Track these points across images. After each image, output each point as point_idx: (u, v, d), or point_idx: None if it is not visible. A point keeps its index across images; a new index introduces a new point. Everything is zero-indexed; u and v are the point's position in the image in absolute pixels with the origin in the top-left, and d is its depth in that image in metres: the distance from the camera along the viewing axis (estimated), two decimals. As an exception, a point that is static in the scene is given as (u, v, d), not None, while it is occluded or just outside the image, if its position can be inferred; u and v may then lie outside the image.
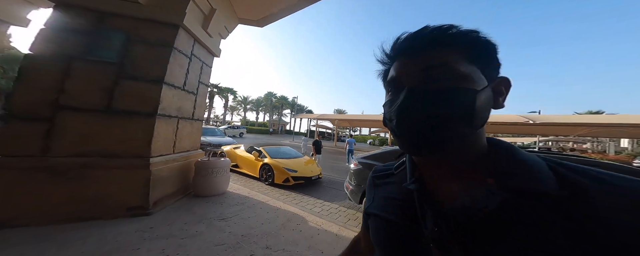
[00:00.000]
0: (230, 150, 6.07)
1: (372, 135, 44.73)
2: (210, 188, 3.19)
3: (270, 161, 4.83)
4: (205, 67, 3.57)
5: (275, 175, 4.56)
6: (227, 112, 51.98)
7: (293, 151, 6.12)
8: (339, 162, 9.52)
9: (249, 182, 4.78)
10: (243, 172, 5.36)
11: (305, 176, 4.64)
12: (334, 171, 6.98)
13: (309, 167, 5.05)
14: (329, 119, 20.57)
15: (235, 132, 23.27)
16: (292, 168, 4.69)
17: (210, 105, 34.71)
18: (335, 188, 4.77)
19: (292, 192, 4.26)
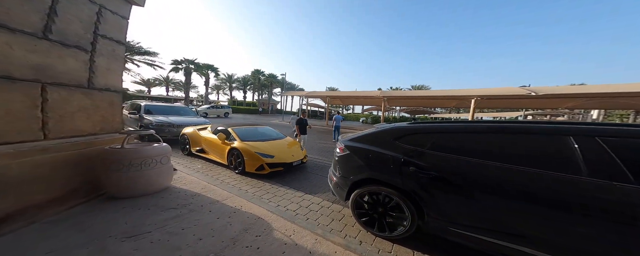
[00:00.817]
0: (193, 132, 4.92)
1: (365, 113, 44.25)
2: (135, 186, 2.21)
3: (240, 145, 3.83)
4: (109, 14, 2.18)
5: (246, 162, 3.62)
6: (212, 91, 48.05)
7: (273, 131, 5.09)
8: (329, 142, 8.73)
9: (215, 171, 3.83)
10: (211, 158, 4.35)
11: (284, 162, 3.76)
12: (321, 153, 6.19)
13: (289, 151, 4.13)
14: (319, 96, 19.17)
15: (219, 112, 21.47)
16: (268, 152, 3.74)
17: (187, 82, 31.22)
18: (321, 175, 3.99)
19: (266, 182, 3.41)
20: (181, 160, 4.36)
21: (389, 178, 1.82)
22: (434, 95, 12.51)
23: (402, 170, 1.75)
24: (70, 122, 1.88)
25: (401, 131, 1.92)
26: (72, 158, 1.90)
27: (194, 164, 4.18)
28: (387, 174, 1.83)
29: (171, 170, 2.70)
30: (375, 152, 1.93)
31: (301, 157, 4.15)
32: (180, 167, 3.90)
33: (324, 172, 4.20)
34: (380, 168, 1.89)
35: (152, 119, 6.04)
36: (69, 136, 1.88)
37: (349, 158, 2.15)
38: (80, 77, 1.97)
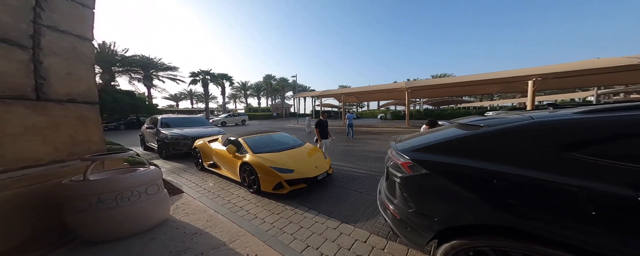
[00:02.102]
0: (203, 145, 4.45)
1: (382, 108, 42.03)
2: (116, 226, 1.63)
3: (252, 158, 3.17)
4: (60, 1, 1.62)
5: (261, 179, 2.94)
6: (229, 100, 50.42)
7: (289, 138, 4.39)
8: (350, 143, 7.82)
9: (227, 190, 3.22)
10: (223, 174, 3.77)
11: (307, 176, 2.99)
12: (346, 157, 5.33)
13: (311, 161, 3.37)
14: (333, 95, 18.32)
15: (236, 120, 21.99)
16: (286, 166, 3.02)
17: (206, 93, 32.87)
18: (354, 190, 3.14)
19: (287, 204, 2.67)
20: (193, 177, 3.87)
21: (545, 230, 0.89)
22: (477, 80, 10.17)
23: (598, 216, 0.80)
24: (11, 148, 1.35)
25: (581, 128, 0.94)
26: (22, 197, 1.37)
27: (205, 181, 3.65)
28: (543, 221, 0.90)
29: (165, 200, 2.11)
30: (504, 175, 1.00)
31: (326, 167, 3.35)
32: (190, 185, 3.39)
33: (356, 184, 3.33)
34: (520, 207, 0.95)
35: (167, 133, 5.81)
36: (15, 168, 1.36)
37: (427, 182, 1.24)
38: (18, 84, 1.43)
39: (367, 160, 4.96)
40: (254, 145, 3.60)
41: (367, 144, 7.55)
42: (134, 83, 24.44)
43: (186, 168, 4.52)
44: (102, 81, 19.09)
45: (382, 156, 5.37)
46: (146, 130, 6.97)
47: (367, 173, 3.93)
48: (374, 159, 5.07)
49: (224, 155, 3.73)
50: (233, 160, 3.46)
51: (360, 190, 3.11)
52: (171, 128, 6.24)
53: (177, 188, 3.13)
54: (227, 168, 3.66)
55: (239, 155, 3.43)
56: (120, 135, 11.84)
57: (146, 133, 6.97)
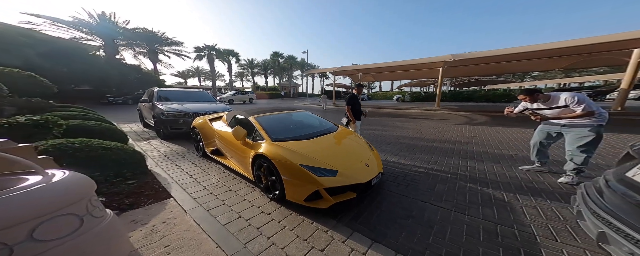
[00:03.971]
0: (203, 124, 3.42)
1: (395, 90, 38.99)
2: None
3: (271, 149, 2.08)
4: None
5: (286, 184, 1.88)
6: (236, 78, 48.89)
7: (315, 119, 3.22)
8: (380, 127, 6.57)
9: (235, 191, 2.25)
10: (230, 166, 2.74)
11: (359, 181, 1.87)
12: (384, 147, 4.14)
13: (357, 155, 2.21)
14: (349, 72, 16.38)
15: (244, 98, 21.12)
16: (325, 165, 1.90)
17: (212, 69, 31.44)
18: (425, 201, 2.04)
19: (326, 223, 1.65)
20: (190, 168, 2.92)
21: None
22: (551, 49, 7.57)
23: None
24: None
25: None
26: None
27: (206, 175, 2.68)
28: None
29: (111, 231, 1.09)
30: None
31: (379, 165, 2.21)
32: (184, 182, 2.42)
33: (421, 188, 2.19)
34: None
35: (163, 108, 4.81)
36: None
37: None
38: None
39: (413, 150, 3.78)
40: (272, 128, 2.46)
41: (398, 128, 6.29)
42: (139, 57, 23.64)
43: (186, 154, 3.60)
44: (106, 53, 18.41)
45: (430, 145, 4.15)
46: (142, 105, 6.07)
47: (425, 170, 2.80)
48: (423, 149, 3.87)
49: (229, 141, 2.67)
50: (242, 148, 2.40)
51: (435, 200, 2.01)
52: (169, 103, 5.24)
53: (162, 189, 2.20)
54: (235, 159, 2.64)
55: (250, 142, 2.34)
56: (126, 109, 11.26)
57: (143, 108, 6.08)
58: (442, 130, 5.96)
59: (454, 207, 1.91)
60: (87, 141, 2.13)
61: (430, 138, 4.91)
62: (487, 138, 4.82)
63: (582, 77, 27.86)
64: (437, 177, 2.59)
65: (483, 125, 6.65)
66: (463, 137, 5.00)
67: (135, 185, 2.14)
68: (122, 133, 3.60)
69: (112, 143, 2.33)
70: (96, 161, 2.04)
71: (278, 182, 1.95)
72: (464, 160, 3.21)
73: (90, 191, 1.02)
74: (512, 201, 2.02)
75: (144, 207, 1.85)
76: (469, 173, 2.69)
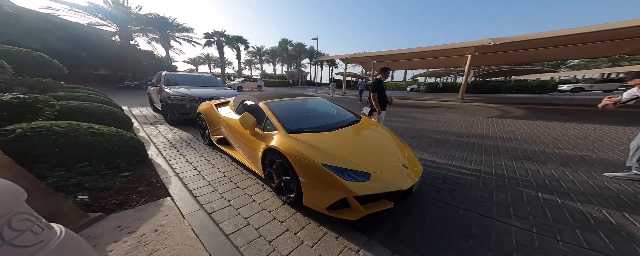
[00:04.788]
0: (209, 109, 3.07)
1: (409, 80, 36.66)
2: None
3: (286, 142, 1.66)
4: None
5: (304, 187, 1.47)
6: (244, 66, 48.52)
7: (331, 107, 2.74)
8: (401, 118, 5.95)
9: (246, 189, 1.91)
10: (237, 158, 2.39)
11: (399, 187, 1.40)
12: (411, 142, 3.60)
13: (390, 153, 1.73)
14: (362, 59, 15.27)
15: (252, 85, 20.90)
16: (355, 166, 1.45)
17: (221, 56, 31.24)
18: (479, 213, 1.56)
19: (354, 239, 1.25)
20: (195, 159, 2.61)
21: None
22: (612, 29, 6.17)
23: None
24: None
25: None
26: None
27: (212, 168, 2.36)
28: None
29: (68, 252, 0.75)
30: None
31: (419, 166, 1.73)
32: (186, 175, 2.11)
33: (470, 196, 1.68)
34: None
35: (170, 92, 4.55)
36: None
37: None
38: None
39: (445, 146, 3.23)
40: (286, 117, 2.03)
41: (419, 120, 5.64)
42: (152, 43, 23.94)
43: (192, 141, 3.34)
44: (121, 39, 18.76)
45: (465, 141, 3.54)
46: (151, 88, 5.90)
47: (470, 172, 2.27)
48: (457, 146, 3.28)
49: (236, 130, 2.29)
50: (251, 139, 2.02)
51: (500, 215, 1.51)
52: (177, 87, 4.98)
53: (160, 185, 1.89)
54: (243, 151, 2.27)
55: (260, 133, 1.95)
56: (141, 93, 11.40)
57: (152, 92, 5.91)
58: (473, 123, 5.23)
59: (534, 227, 1.41)
60: (74, 125, 1.84)
61: (463, 132, 4.26)
62: (536, 134, 4.08)
63: (632, 66, 24.16)
64: (489, 181, 2.06)
65: (523, 119, 5.78)
66: (504, 132, 4.30)
67: (128, 179, 1.86)
68: (125, 117, 3.37)
69: (105, 128, 2.03)
70: (83, 148, 1.76)
71: (294, 183, 1.56)
72: (518, 161, 2.62)
73: (12, 204, 0.67)
74: (623, 223, 1.46)
75: (135, 208, 1.55)
76: (534, 179, 2.13)
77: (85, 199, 1.54)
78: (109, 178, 1.79)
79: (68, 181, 1.65)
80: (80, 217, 1.35)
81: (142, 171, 2.11)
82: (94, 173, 1.78)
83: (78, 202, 1.50)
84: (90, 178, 1.72)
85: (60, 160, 1.69)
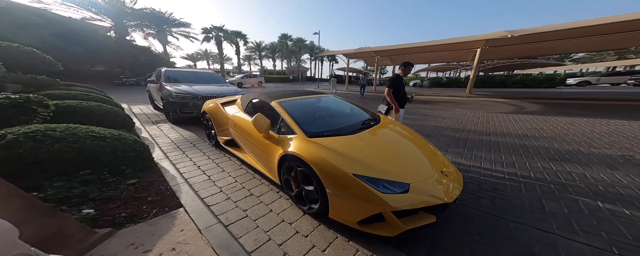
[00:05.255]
0: (214, 108, 2.87)
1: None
2: None
3: (308, 149, 1.46)
4: None
5: (333, 199, 1.29)
6: (244, 62, 47.70)
7: (346, 105, 2.52)
8: (411, 116, 5.74)
9: (261, 197, 1.73)
10: (248, 161, 2.20)
11: (443, 200, 1.23)
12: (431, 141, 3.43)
13: (429, 161, 1.52)
14: (365, 54, 14.88)
15: (252, 81, 20.53)
16: (392, 176, 1.26)
17: (220, 52, 30.59)
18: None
19: None
20: (203, 162, 2.43)
21: None
22: None
23: None
24: None
25: None
26: None
27: (222, 172, 2.19)
28: None
29: None
30: None
31: (457, 174, 1.54)
32: (196, 182, 1.93)
33: (518, 205, 1.49)
34: None
35: (172, 89, 4.33)
36: None
37: None
38: None
39: (468, 146, 3.05)
40: (303, 118, 1.84)
41: (429, 116, 5.44)
42: (149, 39, 23.36)
43: (197, 142, 3.16)
44: (116, 34, 18.27)
45: (488, 140, 3.36)
46: (151, 86, 5.66)
47: (506, 176, 2.10)
48: (481, 145, 3.10)
49: (247, 132, 2.10)
50: (264, 143, 1.83)
51: (563, 230, 1.33)
52: (178, 84, 4.75)
53: (170, 193, 1.72)
54: (255, 156, 2.08)
55: (275, 136, 1.75)
56: (139, 90, 11.11)
57: (152, 89, 5.68)
58: (488, 119, 5.04)
59: (613, 247, 1.21)
60: (72, 128, 1.65)
61: (481, 130, 4.07)
62: (562, 131, 3.87)
63: (639, 59, 23.63)
64: (532, 187, 1.87)
65: (541, 115, 5.58)
66: (526, 129, 4.10)
67: (136, 187, 1.69)
68: (126, 117, 3.17)
69: (106, 131, 1.85)
70: (84, 155, 1.58)
71: (319, 193, 1.39)
72: (555, 163, 2.41)
73: (7, 248, 0.49)
74: None
75: (147, 221, 1.39)
76: (585, 185, 1.92)
77: (92, 213, 1.37)
78: (115, 187, 1.62)
79: (70, 192, 1.48)
80: (87, 235, 1.19)
81: (149, 177, 1.94)
82: (98, 181, 1.60)
83: (84, 217, 1.34)
84: (94, 188, 1.55)
85: (58, 168, 1.52)
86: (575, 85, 17.04)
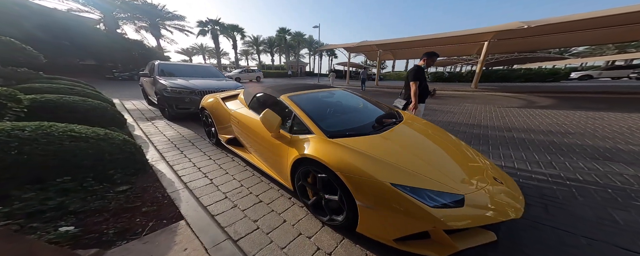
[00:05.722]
0: (215, 104, 2.58)
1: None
2: None
3: (330, 153, 1.20)
4: None
5: (364, 212, 1.05)
6: (241, 56, 46.53)
7: (358, 99, 2.26)
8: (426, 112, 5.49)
9: (271, 204, 1.50)
10: (254, 163, 1.93)
11: (508, 216, 0.98)
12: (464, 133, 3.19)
13: (476, 166, 1.29)
14: (367, 48, 14.44)
15: (250, 76, 20.03)
16: (442, 186, 1.02)
17: (216, 46, 29.72)
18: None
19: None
20: (203, 163, 2.18)
21: None
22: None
23: None
24: None
25: None
26: None
27: (225, 174, 1.94)
28: None
29: None
30: None
31: (506, 178, 1.31)
32: (197, 187, 1.68)
33: (584, 224, 1.25)
34: None
35: (166, 83, 4.01)
36: None
37: None
38: None
39: (491, 144, 2.81)
40: (318, 115, 1.59)
41: (438, 111, 5.20)
42: (141, 32, 22.47)
43: (196, 140, 2.89)
44: (106, 27, 17.51)
45: (510, 136, 3.13)
46: (144, 80, 5.31)
47: (547, 177, 1.88)
48: (506, 142, 2.86)
49: (253, 130, 1.83)
50: (274, 143, 1.56)
51: None
52: (173, 78, 4.42)
53: (169, 202, 1.46)
54: (262, 157, 1.83)
55: (286, 136, 1.49)
56: (133, 85, 10.63)
57: (145, 84, 5.33)
58: (503, 114, 4.82)
59: None
60: (45, 126, 1.37)
61: (498, 125, 3.84)
62: (590, 126, 3.62)
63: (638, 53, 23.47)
64: (587, 193, 1.62)
65: (556, 109, 5.37)
66: (547, 124, 3.87)
67: (127, 195, 1.44)
68: (116, 113, 2.87)
69: (88, 130, 1.56)
70: (61, 158, 1.31)
71: (345, 204, 1.15)
72: (600, 163, 2.14)
73: None
74: None
75: (142, 238, 1.14)
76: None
77: (72, 230, 1.12)
78: (101, 196, 1.37)
79: (44, 204, 1.23)
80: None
81: (143, 182, 1.69)
82: (80, 190, 1.35)
83: (61, 236, 1.09)
84: (75, 198, 1.30)
85: (30, 175, 1.26)
86: (577, 79, 16.94)
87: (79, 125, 1.57)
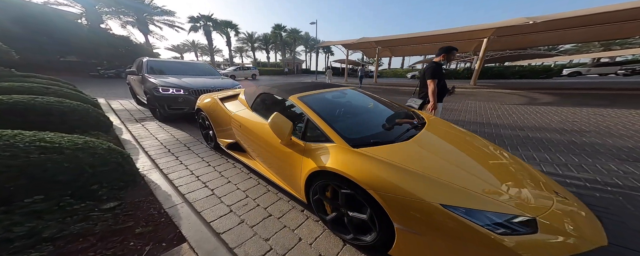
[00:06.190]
0: (212, 105, 2.33)
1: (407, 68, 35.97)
2: None
3: (357, 166, 1.00)
4: None
5: (404, 238, 0.87)
6: (235, 53, 45.30)
7: (368, 99, 2.04)
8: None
9: (284, 220, 1.30)
10: (260, 171, 1.71)
11: (594, 243, 0.78)
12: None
13: (527, 178, 1.08)
14: (365, 45, 14.22)
15: (245, 74, 19.51)
16: (508, 208, 0.81)
17: (209, 43, 28.69)
18: None
19: None
20: (203, 171, 1.95)
21: None
22: None
23: None
24: None
25: None
26: None
27: (227, 183, 1.73)
28: None
29: None
30: None
31: (572, 196, 1.08)
32: (199, 200, 1.45)
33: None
34: None
35: (156, 82, 3.68)
36: None
37: None
38: None
39: (507, 144, 2.70)
40: (335, 119, 1.42)
41: (443, 110, 5.11)
42: (127, 28, 21.31)
43: (192, 143, 2.64)
44: (88, 22, 16.48)
45: (527, 136, 3.04)
46: (132, 78, 4.92)
47: (583, 182, 1.76)
48: (524, 143, 2.74)
49: (258, 135, 1.61)
50: (284, 151, 1.35)
51: None
52: (164, 76, 4.08)
53: (167, 221, 1.24)
54: (270, 165, 1.62)
55: (300, 144, 1.29)
56: (119, 83, 10.04)
57: (133, 82, 4.94)
58: (508, 112, 4.76)
59: None
60: (8, 136, 1.12)
61: (509, 123, 3.74)
62: (602, 124, 3.54)
63: (624, 50, 24.33)
64: (634, 201, 1.48)
65: (560, 106, 5.35)
66: (558, 121, 3.80)
67: (115, 214, 1.21)
68: (100, 116, 2.56)
69: (63, 138, 1.31)
70: (29, 174, 1.07)
71: (377, 226, 0.97)
72: (633, 165, 2.01)
73: None
74: None
75: None
76: None
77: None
78: (84, 217, 1.13)
79: (10, 230, 0.99)
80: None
81: (134, 196, 1.45)
82: (56, 210, 1.11)
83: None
84: (51, 221, 1.06)
85: (-11, 196, 1.01)
86: (567, 75, 17.42)
87: (52, 133, 1.31)
